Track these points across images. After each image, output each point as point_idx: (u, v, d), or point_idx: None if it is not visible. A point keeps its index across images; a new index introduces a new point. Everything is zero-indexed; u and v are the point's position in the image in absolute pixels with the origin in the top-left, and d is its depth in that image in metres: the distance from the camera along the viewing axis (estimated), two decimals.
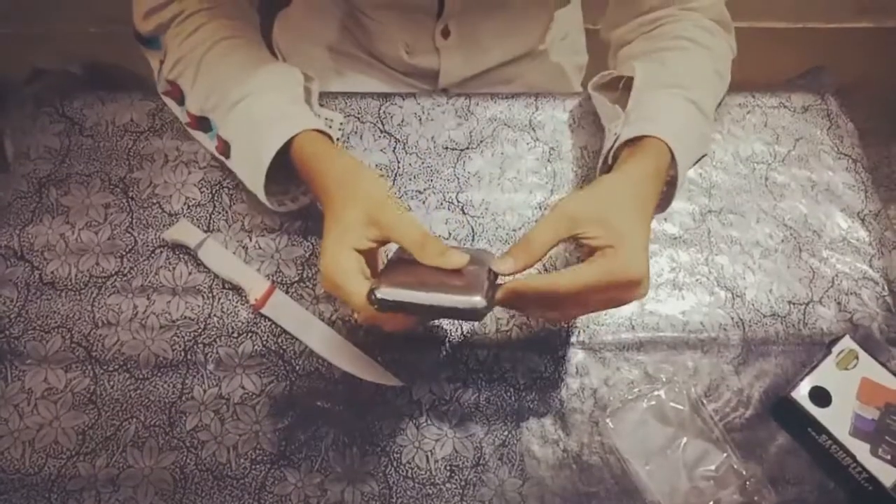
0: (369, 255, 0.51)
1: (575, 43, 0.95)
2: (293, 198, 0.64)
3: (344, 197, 0.52)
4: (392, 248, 0.53)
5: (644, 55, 0.66)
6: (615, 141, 0.60)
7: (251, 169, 0.59)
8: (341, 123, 0.70)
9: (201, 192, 0.67)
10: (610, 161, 0.61)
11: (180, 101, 0.64)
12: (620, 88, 0.67)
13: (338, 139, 0.64)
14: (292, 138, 0.56)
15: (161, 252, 0.64)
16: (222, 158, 0.63)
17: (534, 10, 0.82)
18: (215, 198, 0.67)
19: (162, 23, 0.61)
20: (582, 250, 0.56)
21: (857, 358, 0.60)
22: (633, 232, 0.51)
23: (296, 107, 0.60)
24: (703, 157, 0.66)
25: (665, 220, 0.68)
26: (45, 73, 0.72)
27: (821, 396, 0.58)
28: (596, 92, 0.69)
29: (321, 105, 0.69)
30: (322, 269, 0.50)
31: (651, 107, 0.60)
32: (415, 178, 0.69)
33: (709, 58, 0.64)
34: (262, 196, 0.59)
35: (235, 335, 0.60)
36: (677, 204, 0.69)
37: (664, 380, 0.61)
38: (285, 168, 0.58)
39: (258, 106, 0.59)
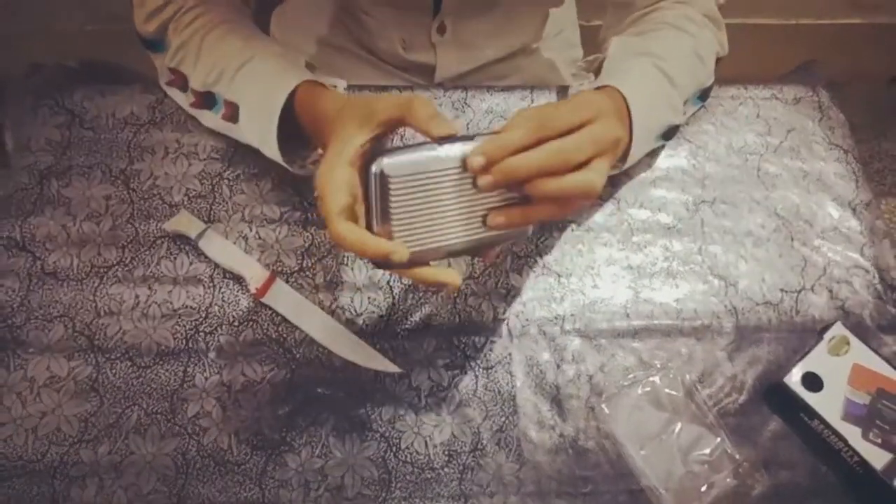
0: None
1: (570, 39, 0.96)
2: (310, 159, 0.63)
3: (343, 117, 0.51)
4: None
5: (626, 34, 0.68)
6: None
7: (262, 124, 0.59)
8: (345, 89, 0.70)
9: (202, 184, 0.67)
10: None
11: (183, 87, 0.65)
12: (600, 68, 0.68)
13: None
14: (296, 89, 0.57)
15: (162, 242, 0.64)
16: (230, 125, 0.63)
17: (529, 7, 0.83)
18: (215, 189, 0.67)
19: (163, 21, 0.62)
20: None
21: (848, 344, 0.61)
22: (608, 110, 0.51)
23: (298, 63, 0.62)
24: (674, 128, 0.65)
25: (659, 209, 0.69)
26: (43, 68, 0.73)
27: (813, 382, 0.59)
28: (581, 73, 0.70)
29: None
30: (316, 179, 0.48)
31: (614, 68, 0.62)
32: None
33: (690, 42, 0.65)
34: (274, 149, 0.59)
35: (236, 324, 0.61)
36: (671, 195, 0.70)
37: (659, 366, 0.62)
38: (293, 137, 0.59)
39: (262, 64, 0.60)
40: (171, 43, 0.63)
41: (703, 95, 0.69)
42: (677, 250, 0.67)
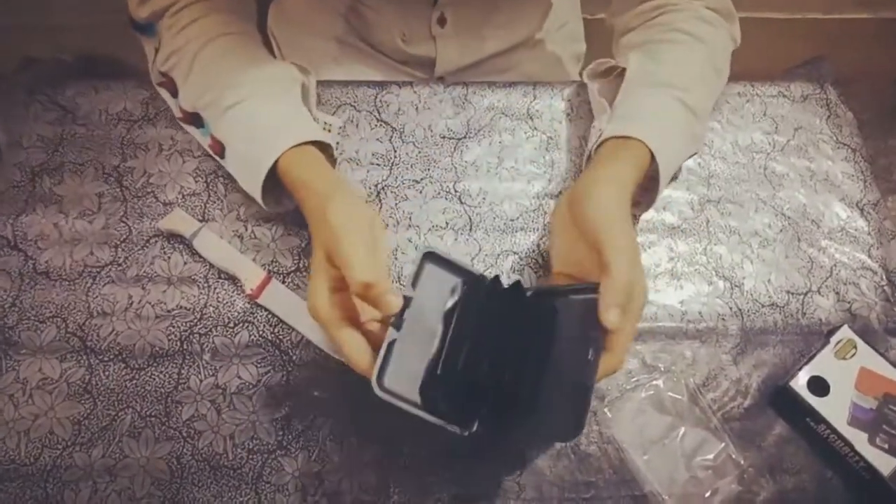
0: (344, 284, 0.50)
1: (573, 32, 0.94)
2: (289, 196, 0.63)
3: (315, 233, 0.52)
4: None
5: (642, 45, 0.66)
6: (599, 137, 0.60)
7: (247, 173, 0.59)
8: (340, 127, 0.69)
9: (196, 182, 0.66)
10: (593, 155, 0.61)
11: (174, 93, 0.63)
12: (614, 76, 0.67)
13: (337, 143, 0.63)
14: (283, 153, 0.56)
15: (156, 241, 0.63)
16: (216, 158, 0.63)
17: None
18: (210, 187, 0.66)
19: (156, 10, 0.61)
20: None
21: (855, 348, 0.59)
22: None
23: (292, 114, 0.60)
24: (693, 154, 0.66)
25: (664, 209, 0.68)
26: (37, 62, 0.72)
27: (819, 386, 0.58)
28: (590, 80, 0.69)
29: (318, 96, 0.69)
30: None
31: (637, 105, 0.61)
32: (412, 167, 0.69)
33: (706, 53, 0.64)
34: (258, 198, 0.59)
35: (231, 325, 0.60)
36: (676, 193, 0.69)
37: (662, 369, 0.61)
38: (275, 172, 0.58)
39: (253, 113, 0.58)
40: (164, 41, 0.61)
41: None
42: (682, 251, 0.66)
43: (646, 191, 0.62)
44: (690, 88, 0.61)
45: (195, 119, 0.62)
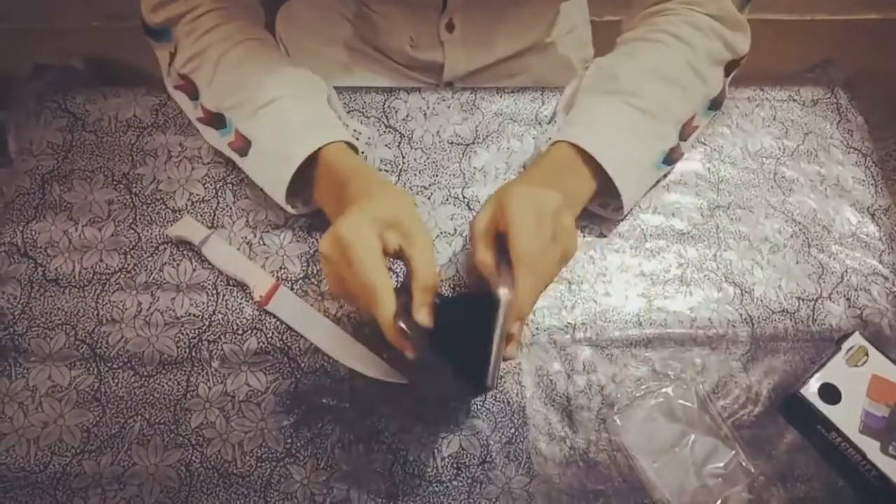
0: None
1: (581, 36, 0.94)
2: (304, 200, 0.63)
3: (370, 196, 0.51)
4: None
5: (622, 44, 0.67)
6: (547, 142, 0.63)
7: (273, 170, 0.59)
8: (369, 138, 0.70)
9: (205, 189, 0.66)
10: None
11: (193, 95, 0.63)
12: None
13: (363, 152, 0.64)
14: (321, 147, 0.57)
15: (165, 248, 0.63)
16: (234, 156, 0.63)
17: (539, 3, 0.81)
18: (219, 194, 0.66)
19: (171, 17, 0.61)
20: None
21: (866, 355, 0.59)
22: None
23: (326, 116, 0.62)
24: (672, 150, 0.64)
25: (673, 215, 0.68)
26: (48, 69, 0.72)
27: (830, 393, 0.57)
28: (571, 84, 0.70)
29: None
30: (335, 235, 0.47)
31: (581, 114, 0.63)
32: (420, 173, 0.68)
33: (683, 54, 0.63)
34: (279, 196, 0.59)
35: (240, 332, 0.60)
36: (685, 199, 0.69)
37: (672, 377, 0.60)
38: (299, 172, 0.58)
39: (288, 110, 0.60)
40: (183, 45, 0.61)
41: (714, 105, 0.67)
42: (691, 257, 0.66)
43: (603, 195, 0.63)
44: (640, 92, 0.61)
45: (217, 120, 0.62)
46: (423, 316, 0.48)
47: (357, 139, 0.63)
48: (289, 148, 0.58)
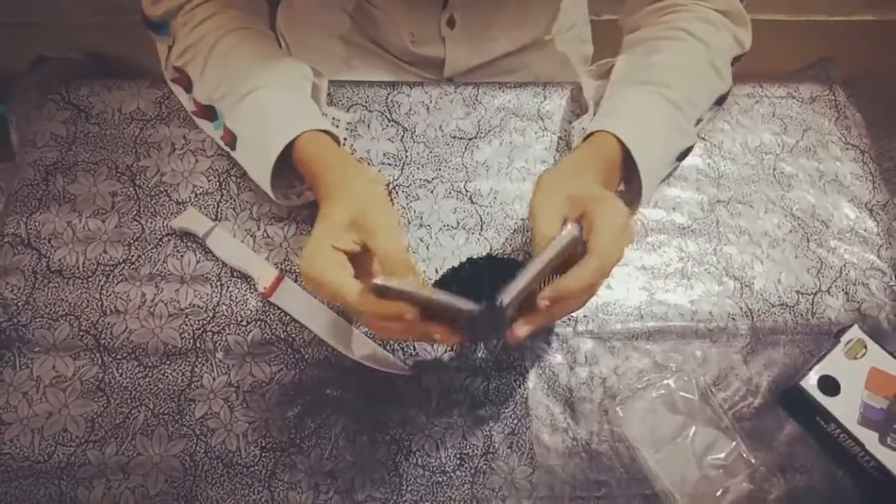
0: (355, 258, 0.50)
1: (581, 34, 0.94)
2: (298, 193, 0.63)
3: (335, 197, 0.52)
4: None
5: (641, 43, 0.66)
6: (582, 133, 0.61)
7: (257, 163, 0.59)
8: (349, 123, 0.70)
9: (209, 181, 0.67)
10: None
11: (188, 88, 0.63)
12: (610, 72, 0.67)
13: (344, 139, 0.64)
14: (296, 137, 0.56)
15: (169, 240, 0.63)
16: (227, 149, 0.63)
17: (539, 0, 0.82)
18: (223, 186, 0.66)
19: (171, 9, 0.61)
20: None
21: (865, 347, 0.60)
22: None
23: (303, 105, 0.60)
24: (688, 148, 0.65)
25: (674, 209, 0.68)
26: (50, 61, 0.72)
27: (829, 386, 0.58)
28: (588, 80, 0.69)
29: (329, 96, 0.69)
30: (300, 265, 0.49)
31: (618, 103, 0.62)
32: (423, 167, 0.69)
33: (703, 51, 0.64)
34: (267, 189, 0.59)
35: (244, 323, 0.60)
36: (686, 194, 0.69)
37: (673, 369, 0.61)
38: (291, 162, 0.58)
39: (266, 101, 0.59)
40: (179, 37, 0.61)
41: (720, 101, 0.68)
42: (692, 251, 0.66)
43: (630, 182, 0.62)
44: (673, 84, 0.61)
45: (209, 112, 0.62)
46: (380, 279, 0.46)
47: (336, 126, 0.62)
48: (267, 138, 0.57)
